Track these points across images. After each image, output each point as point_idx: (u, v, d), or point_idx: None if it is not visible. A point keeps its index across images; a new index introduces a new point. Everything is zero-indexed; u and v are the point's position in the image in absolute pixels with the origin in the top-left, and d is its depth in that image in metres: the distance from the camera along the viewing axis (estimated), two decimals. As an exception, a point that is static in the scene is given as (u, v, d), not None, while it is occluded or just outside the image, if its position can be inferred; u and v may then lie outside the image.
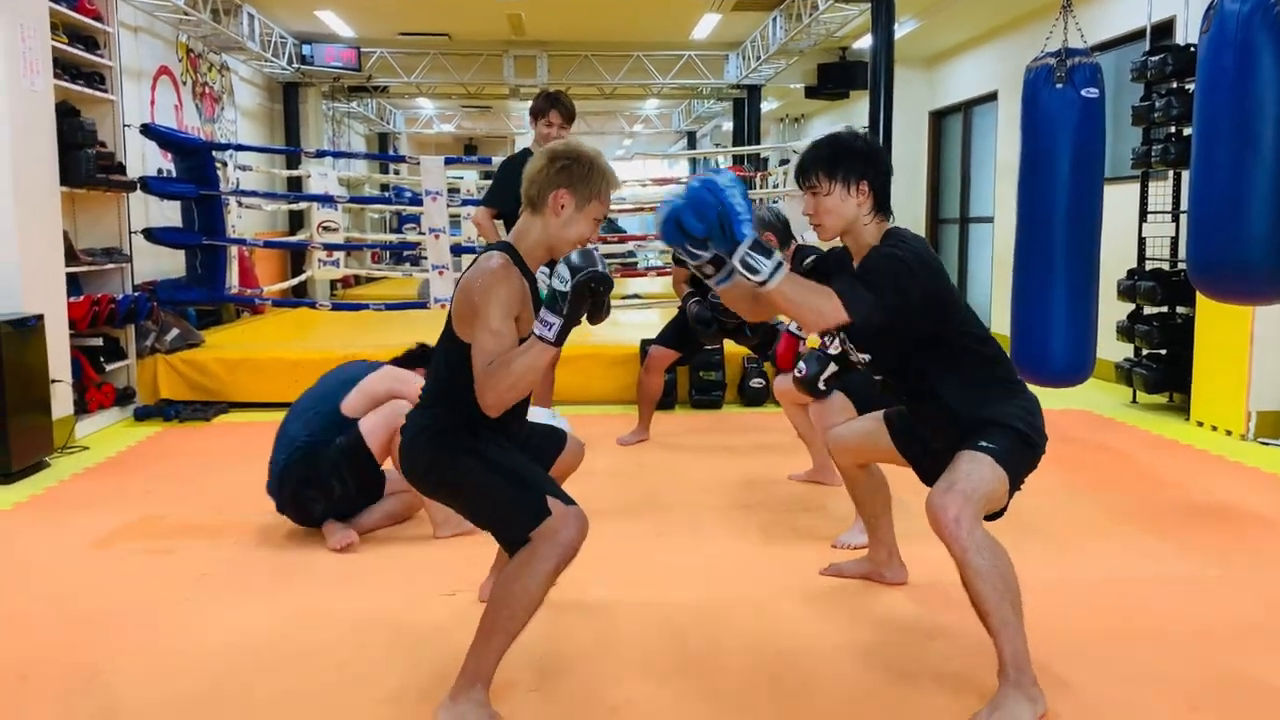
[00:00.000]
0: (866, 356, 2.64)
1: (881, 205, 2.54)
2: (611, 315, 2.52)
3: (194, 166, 6.89)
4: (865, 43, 9.15)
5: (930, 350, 2.52)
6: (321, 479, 3.48)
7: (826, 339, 3.26)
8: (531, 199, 2.40)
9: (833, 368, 3.57)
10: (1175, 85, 5.76)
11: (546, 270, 2.28)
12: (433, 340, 2.61)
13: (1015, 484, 2.46)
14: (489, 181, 6.23)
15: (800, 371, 3.63)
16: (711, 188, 2.22)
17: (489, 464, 2.33)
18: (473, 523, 2.45)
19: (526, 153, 4.76)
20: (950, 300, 2.52)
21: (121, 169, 5.91)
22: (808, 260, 2.98)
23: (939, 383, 2.52)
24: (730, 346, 5.98)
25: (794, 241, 4.19)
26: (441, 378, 2.42)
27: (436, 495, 2.52)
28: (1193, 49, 5.35)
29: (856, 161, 2.50)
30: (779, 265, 2.23)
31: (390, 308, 7.29)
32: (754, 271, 2.23)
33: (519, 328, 2.29)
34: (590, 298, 2.17)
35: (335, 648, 2.69)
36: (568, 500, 2.29)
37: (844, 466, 3.06)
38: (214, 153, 7.31)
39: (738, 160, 11.57)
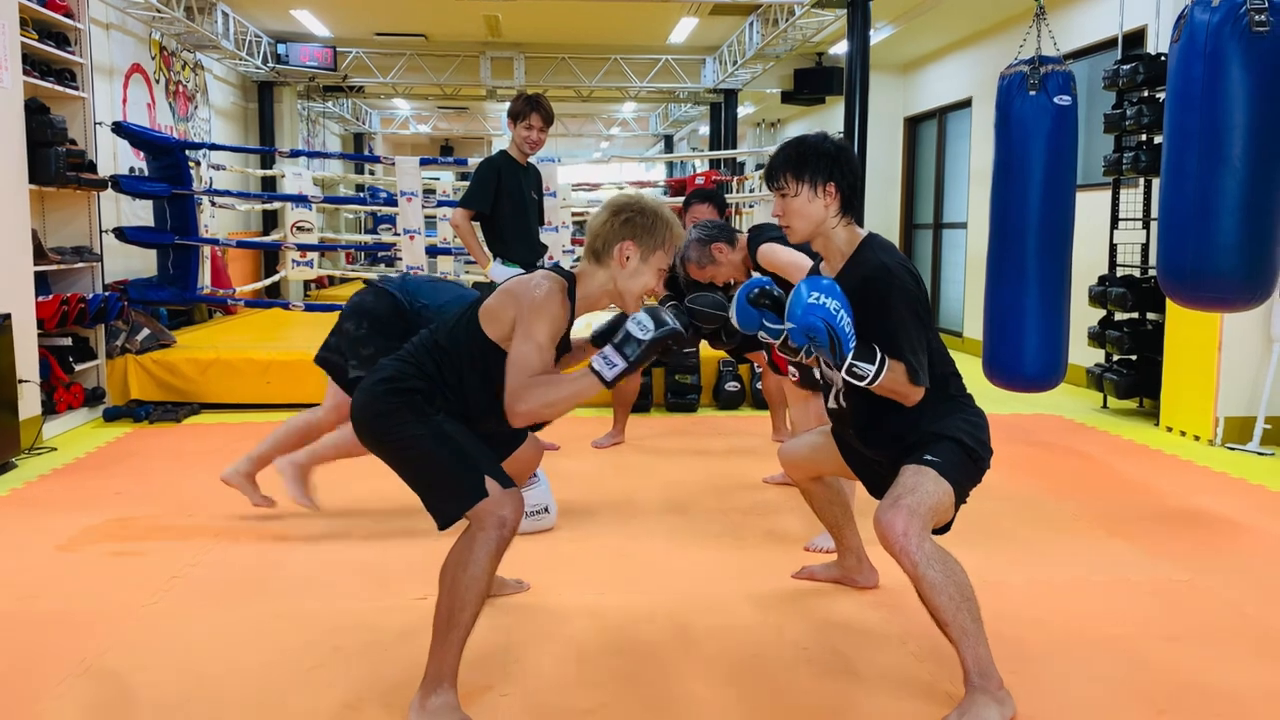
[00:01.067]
0: (835, 375, 2.62)
1: (850, 207, 2.54)
2: (586, 317, 2.54)
3: (166, 165, 6.83)
4: (841, 48, 9.20)
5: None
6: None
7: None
8: (596, 251, 2.42)
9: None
10: (1146, 94, 5.84)
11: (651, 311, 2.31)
12: None
13: (960, 497, 2.46)
14: (465, 183, 6.21)
15: (794, 376, 3.66)
16: (824, 315, 2.30)
17: (436, 432, 2.31)
18: (409, 485, 2.40)
19: (504, 154, 4.74)
20: (928, 319, 2.52)
21: (92, 167, 5.84)
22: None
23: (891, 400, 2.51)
24: (706, 350, 5.99)
25: (739, 235, 4.17)
26: (439, 345, 2.39)
27: (374, 449, 2.46)
28: (1163, 58, 5.43)
29: (823, 163, 2.50)
30: (881, 365, 2.37)
31: (365, 309, 7.23)
32: (859, 378, 2.38)
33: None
34: (660, 356, 2.27)
35: (306, 652, 2.67)
36: (506, 482, 2.28)
37: (797, 480, 3.06)
38: (187, 152, 7.25)
39: (714, 165, 11.59)
